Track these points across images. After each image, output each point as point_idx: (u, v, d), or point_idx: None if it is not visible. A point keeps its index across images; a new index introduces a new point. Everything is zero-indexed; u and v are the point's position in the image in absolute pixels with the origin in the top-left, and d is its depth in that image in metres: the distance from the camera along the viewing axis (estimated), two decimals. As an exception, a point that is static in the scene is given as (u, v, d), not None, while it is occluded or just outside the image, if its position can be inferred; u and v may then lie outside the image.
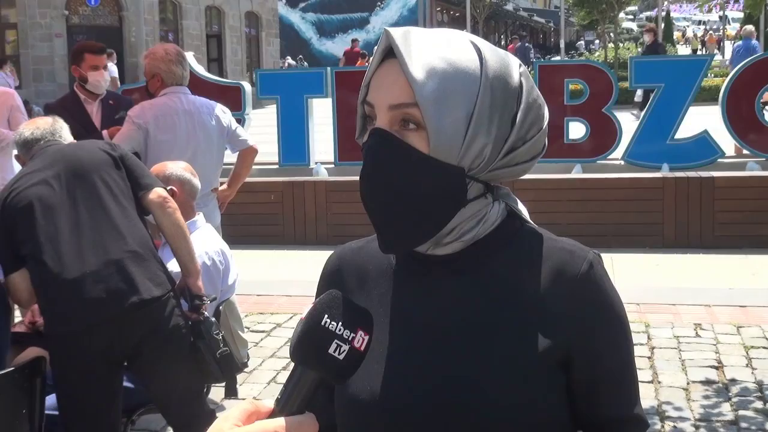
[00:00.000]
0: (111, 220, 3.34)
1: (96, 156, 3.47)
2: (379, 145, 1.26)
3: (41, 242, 3.26)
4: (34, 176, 3.40)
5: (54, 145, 3.59)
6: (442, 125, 1.23)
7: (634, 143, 9.60)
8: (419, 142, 1.25)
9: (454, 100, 1.24)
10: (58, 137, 3.67)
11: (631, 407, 1.36)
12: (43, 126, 3.70)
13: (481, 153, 1.27)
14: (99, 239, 3.28)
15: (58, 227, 3.28)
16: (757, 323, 5.98)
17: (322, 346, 1.08)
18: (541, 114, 1.33)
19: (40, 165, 3.45)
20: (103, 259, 3.24)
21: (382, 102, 1.27)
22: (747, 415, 4.52)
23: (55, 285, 3.22)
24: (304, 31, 44.46)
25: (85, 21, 26.91)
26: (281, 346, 5.85)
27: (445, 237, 1.31)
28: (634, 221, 8.40)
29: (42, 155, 3.53)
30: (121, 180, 3.46)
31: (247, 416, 1.05)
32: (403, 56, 1.23)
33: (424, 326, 1.32)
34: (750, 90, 9.44)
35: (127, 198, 3.45)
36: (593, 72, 10.12)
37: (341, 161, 10.15)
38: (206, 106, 5.32)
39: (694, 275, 7.39)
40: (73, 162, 3.44)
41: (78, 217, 3.31)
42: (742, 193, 8.34)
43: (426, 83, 1.22)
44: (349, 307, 1.11)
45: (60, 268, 3.22)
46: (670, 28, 43.29)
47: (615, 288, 1.34)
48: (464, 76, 1.25)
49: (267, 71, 15.58)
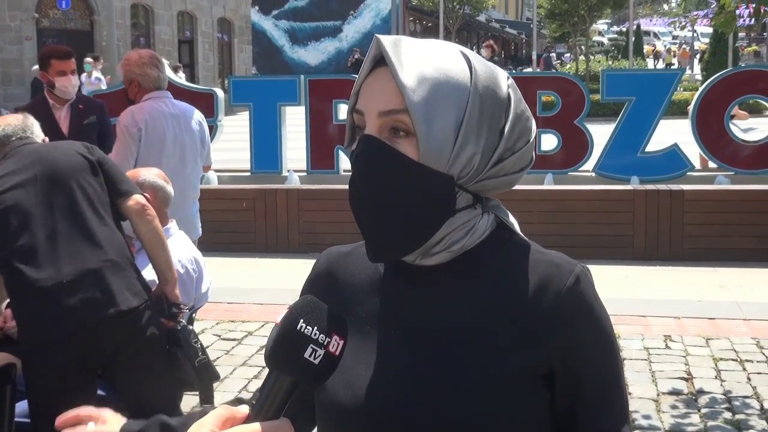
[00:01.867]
0: (88, 228, 3.28)
1: (73, 160, 3.40)
2: (368, 151, 1.26)
3: (17, 249, 3.20)
4: (10, 179, 3.32)
5: (29, 144, 3.51)
6: (431, 132, 1.23)
7: (605, 155, 9.67)
8: (409, 149, 1.25)
9: (444, 107, 1.24)
10: (30, 134, 3.60)
11: (618, 423, 1.33)
12: (14, 123, 3.62)
13: (470, 161, 1.27)
14: (75, 248, 3.23)
15: (35, 234, 3.22)
16: (725, 335, 6.04)
17: (298, 350, 1.08)
18: (529, 126, 1.33)
19: (15, 166, 3.38)
20: (80, 268, 3.19)
21: (372, 109, 1.27)
22: (716, 425, 4.56)
23: (31, 293, 3.18)
24: (277, 39, 44.37)
25: (55, 24, 26.70)
26: (252, 354, 5.82)
27: (433, 247, 1.30)
28: (605, 233, 8.46)
29: (17, 155, 3.44)
30: (98, 185, 3.40)
31: (223, 422, 1.05)
32: (394, 63, 1.24)
33: (409, 334, 1.32)
34: (720, 104, 9.55)
35: (104, 204, 3.39)
36: (565, 84, 10.19)
37: (313, 169, 10.14)
38: (189, 111, 5.36)
39: (664, 287, 7.45)
40: (50, 165, 3.36)
41: (54, 225, 3.25)
42: (711, 207, 8.44)
43: (416, 89, 1.23)
44: (324, 312, 1.11)
45: (36, 277, 3.17)
46: (640, 42, 43.70)
47: (601, 302, 1.34)
48: (454, 84, 1.25)
49: (240, 78, 15.55)
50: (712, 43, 28.74)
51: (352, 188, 1.29)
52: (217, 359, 5.65)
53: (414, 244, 1.29)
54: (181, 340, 3.47)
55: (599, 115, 15.35)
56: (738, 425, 4.56)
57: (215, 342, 6.04)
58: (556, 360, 1.29)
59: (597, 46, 52.37)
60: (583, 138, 9.69)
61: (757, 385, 5.13)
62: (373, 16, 43.11)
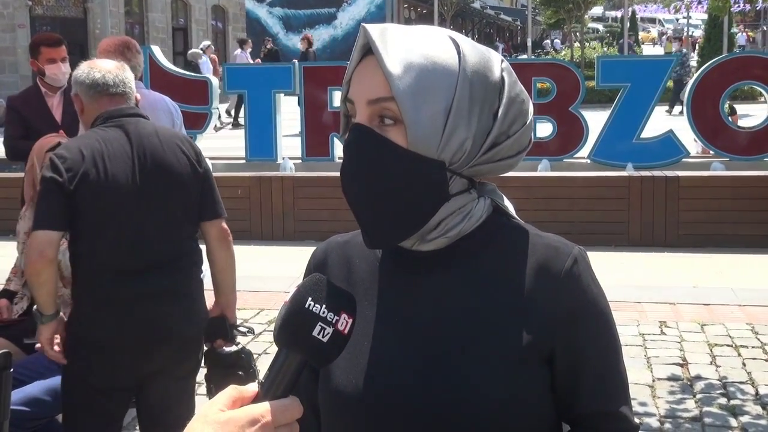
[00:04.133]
0: (180, 245, 3.20)
1: (184, 169, 3.19)
2: (357, 140, 1.28)
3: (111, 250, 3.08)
4: (119, 163, 3.08)
5: (138, 125, 3.19)
6: (419, 118, 1.24)
7: (600, 142, 9.69)
8: (398, 137, 1.26)
9: (431, 93, 1.24)
10: (130, 92, 3.28)
11: (617, 403, 1.35)
12: (115, 71, 3.26)
13: (462, 147, 1.27)
14: (166, 263, 3.14)
15: (136, 240, 3.09)
16: (720, 321, 6.06)
17: (306, 328, 1.08)
18: (525, 109, 1.33)
19: (124, 149, 3.10)
20: (166, 285, 3.13)
21: (361, 98, 1.28)
22: (711, 411, 4.57)
23: (114, 298, 3.09)
24: (271, 26, 44.23)
25: (48, 12, 26.57)
26: (248, 342, 5.81)
27: (430, 233, 1.31)
28: (600, 219, 8.47)
29: (125, 132, 3.14)
30: (195, 200, 3.25)
31: (232, 401, 1.06)
32: (380, 51, 1.24)
33: (409, 320, 1.33)
34: (715, 90, 9.56)
35: (194, 221, 3.29)
36: (561, 71, 10.19)
37: (308, 157, 10.13)
38: (159, 101, 5.21)
39: (659, 273, 7.46)
40: (161, 167, 3.13)
41: (146, 231, 3.11)
42: (706, 193, 8.45)
43: (402, 77, 1.23)
44: (332, 291, 1.11)
45: (124, 283, 3.08)
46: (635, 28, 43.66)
47: (599, 284, 1.35)
48: (442, 69, 1.25)
49: (234, 65, 15.50)
50: (706, 29, 28.70)
51: (344, 177, 1.31)
52: (213, 347, 5.66)
53: (409, 230, 1.30)
54: (243, 360, 3.48)
55: (594, 102, 15.38)
56: (733, 410, 4.57)
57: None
58: (555, 340, 1.30)
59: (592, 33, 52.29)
60: (578, 125, 9.70)
61: (752, 371, 5.14)
62: (368, 3, 42.98)
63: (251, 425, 1.02)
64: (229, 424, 1.02)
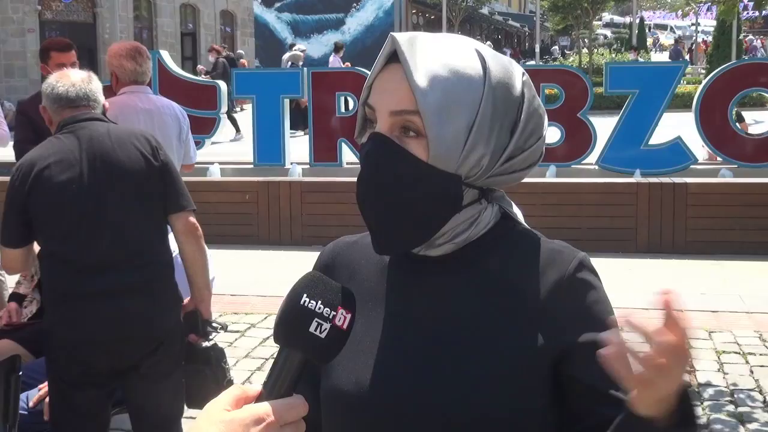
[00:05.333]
0: (140, 240, 3.21)
1: (137, 165, 3.22)
2: (377, 150, 1.28)
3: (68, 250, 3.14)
4: (70, 167, 3.15)
5: (91, 128, 3.25)
6: (442, 134, 1.24)
7: (609, 148, 9.67)
8: (418, 150, 1.26)
9: (456, 110, 1.25)
10: (94, 103, 3.35)
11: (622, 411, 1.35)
12: (79, 84, 3.33)
13: (479, 162, 1.28)
14: (125, 259, 3.17)
15: (90, 238, 3.14)
16: (728, 328, 6.04)
17: (303, 325, 1.08)
18: (541, 123, 1.34)
19: (76, 153, 3.17)
20: (127, 281, 3.15)
21: (384, 107, 1.27)
22: (720, 418, 4.56)
23: (73, 295, 3.15)
24: (280, 31, 44.28)
25: (58, 17, 26.69)
26: (255, 346, 5.83)
27: (438, 239, 1.31)
28: (608, 226, 8.45)
29: (78, 138, 3.21)
30: (156, 194, 3.27)
31: (236, 401, 1.05)
32: (408, 63, 1.24)
33: (414, 323, 1.33)
34: (723, 97, 9.54)
35: (158, 215, 3.29)
36: (569, 77, 10.19)
37: (316, 162, 10.14)
38: (167, 107, 5.22)
39: (667, 280, 7.44)
40: (113, 165, 3.19)
41: (104, 229, 3.16)
42: (714, 200, 8.43)
43: (429, 92, 1.23)
44: (329, 287, 1.11)
45: (82, 281, 3.13)
46: (643, 34, 43.62)
47: (604, 288, 1.35)
48: (467, 85, 1.26)
49: (243, 70, 15.53)
50: (715, 36, 28.63)
51: (360, 185, 1.30)
52: (220, 351, 5.67)
53: (419, 240, 1.31)
54: (212, 358, 3.48)
55: (602, 108, 15.35)
56: (741, 418, 4.56)
57: (218, 334, 6.04)
58: (561, 345, 1.29)
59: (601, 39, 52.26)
60: (586, 131, 9.69)
61: (759, 378, 5.13)
62: (376, 8, 43.00)
63: (256, 424, 1.02)
64: (233, 423, 1.02)
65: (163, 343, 3.28)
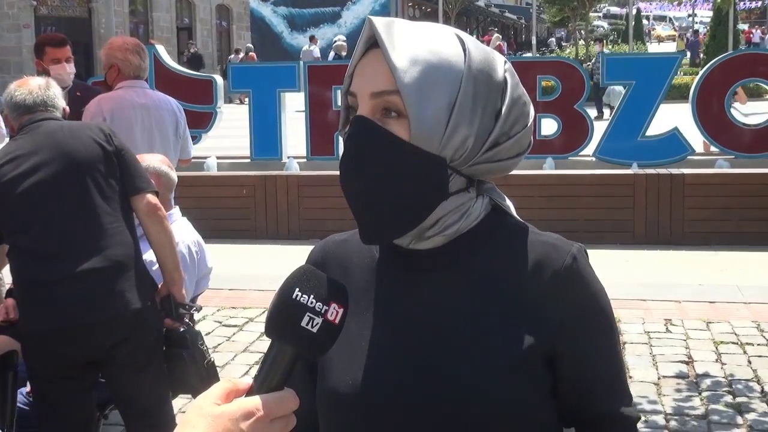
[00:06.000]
0: (98, 223, 3.24)
1: (90, 151, 3.29)
2: (359, 132, 1.26)
3: (24, 238, 3.21)
4: (25, 161, 3.25)
5: (47, 122, 3.37)
6: (423, 113, 1.23)
7: (605, 140, 9.67)
8: (400, 130, 1.24)
9: (436, 88, 1.23)
10: (51, 108, 3.44)
11: (619, 403, 1.34)
12: (36, 91, 3.43)
13: (463, 144, 1.26)
14: (83, 244, 3.20)
15: (44, 224, 3.20)
16: (726, 319, 6.05)
17: (294, 319, 1.07)
18: (526, 111, 1.32)
19: (29, 149, 3.27)
20: (86, 266, 3.17)
21: (364, 90, 1.26)
22: (717, 408, 4.57)
23: (35, 284, 3.19)
24: (276, 25, 44.21)
25: (53, 12, 26.62)
26: (253, 340, 5.82)
27: (428, 231, 1.30)
28: (605, 217, 8.45)
29: (32, 134, 3.32)
30: (113, 179, 3.32)
31: (226, 394, 1.05)
32: (386, 44, 1.23)
33: (406, 320, 1.32)
34: (720, 88, 9.53)
35: (117, 200, 3.32)
36: (565, 69, 10.17)
37: (313, 155, 10.13)
38: (164, 102, 5.23)
39: (664, 271, 7.45)
40: (66, 155, 3.26)
41: (64, 217, 3.21)
42: (711, 190, 8.43)
43: (408, 70, 1.22)
44: (321, 281, 1.10)
45: (41, 269, 3.17)
46: (639, 25, 43.58)
47: (599, 281, 1.34)
48: (447, 65, 1.25)
49: (239, 65, 15.50)
50: (712, 26, 28.62)
51: (343, 169, 1.28)
52: (218, 346, 5.66)
53: (406, 226, 1.28)
54: (188, 341, 3.47)
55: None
56: (739, 408, 4.57)
57: (216, 328, 6.05)
58: (556, 339, 1.28)
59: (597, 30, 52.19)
60: (583, 122, 9.69)
61: (757, 368, 5.13)
62: (372, 1, 42.94)
63: (246, 418, 1.01)
64: (222, 417, 1.02)
65: (135, 328, 3.27)
